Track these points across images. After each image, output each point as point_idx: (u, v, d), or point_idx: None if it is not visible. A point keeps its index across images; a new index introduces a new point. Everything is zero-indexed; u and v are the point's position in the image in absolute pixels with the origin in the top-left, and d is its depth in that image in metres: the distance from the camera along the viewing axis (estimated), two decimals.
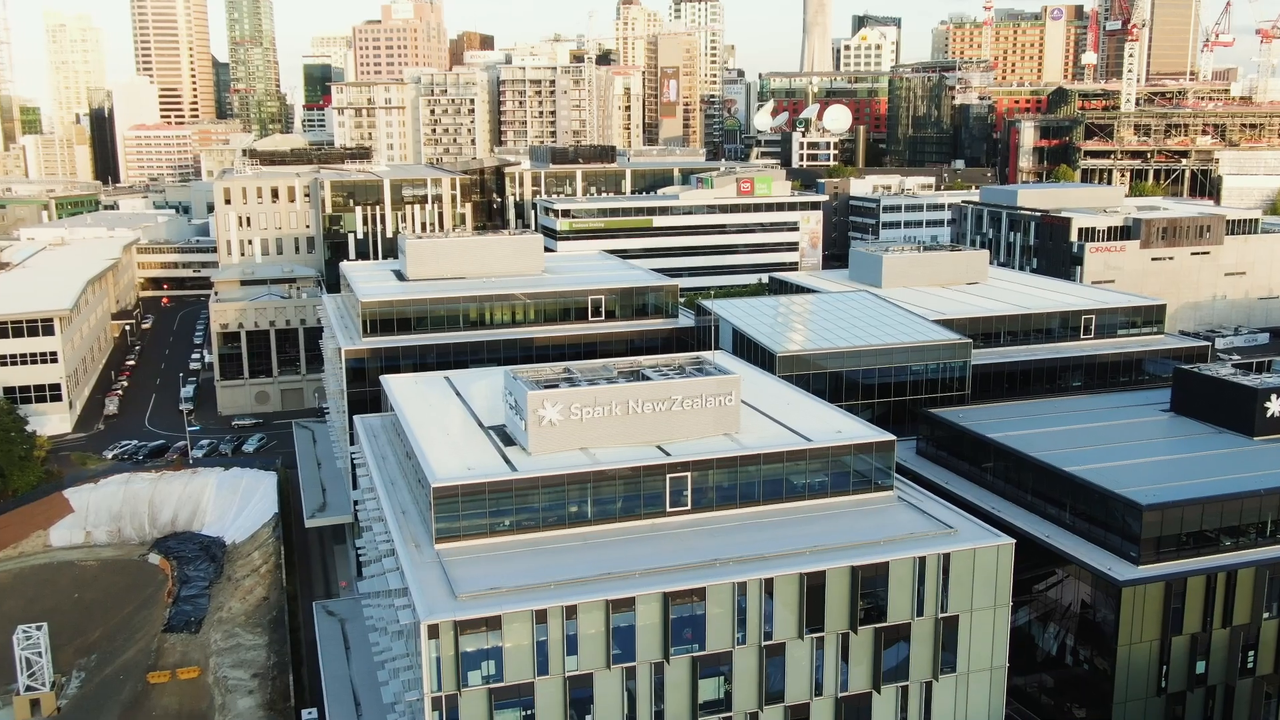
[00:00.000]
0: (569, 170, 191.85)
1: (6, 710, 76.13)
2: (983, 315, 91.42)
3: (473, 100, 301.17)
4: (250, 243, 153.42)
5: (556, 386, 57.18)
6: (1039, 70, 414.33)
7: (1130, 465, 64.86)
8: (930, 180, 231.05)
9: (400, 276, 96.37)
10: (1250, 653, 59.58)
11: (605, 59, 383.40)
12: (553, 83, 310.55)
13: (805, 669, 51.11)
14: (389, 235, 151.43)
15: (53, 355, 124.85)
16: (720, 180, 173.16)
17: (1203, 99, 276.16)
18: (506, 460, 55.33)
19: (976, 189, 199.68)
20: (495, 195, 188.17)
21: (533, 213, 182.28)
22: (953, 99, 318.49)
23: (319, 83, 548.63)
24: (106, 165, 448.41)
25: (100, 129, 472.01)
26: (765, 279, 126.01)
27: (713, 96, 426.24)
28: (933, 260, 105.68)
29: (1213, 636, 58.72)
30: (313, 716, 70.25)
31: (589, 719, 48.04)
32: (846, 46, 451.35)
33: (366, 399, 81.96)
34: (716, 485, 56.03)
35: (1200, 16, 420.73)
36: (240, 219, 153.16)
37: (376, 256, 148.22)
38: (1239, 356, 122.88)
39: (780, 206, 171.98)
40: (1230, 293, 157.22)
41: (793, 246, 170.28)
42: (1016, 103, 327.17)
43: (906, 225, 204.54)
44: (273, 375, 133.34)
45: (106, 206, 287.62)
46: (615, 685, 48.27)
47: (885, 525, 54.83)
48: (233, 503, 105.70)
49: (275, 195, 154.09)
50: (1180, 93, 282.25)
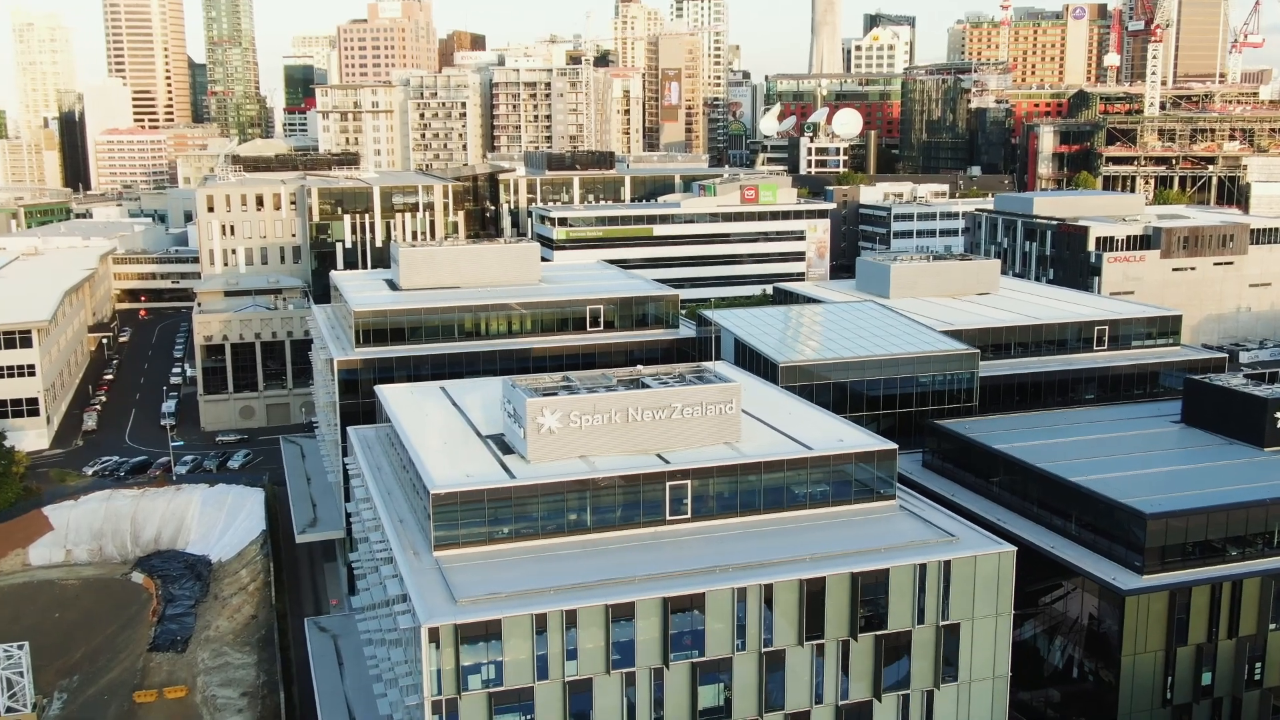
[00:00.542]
0: (565, 177, 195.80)
1: None
2: (992, 326, 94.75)
3: (464, 103, 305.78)
4: (234, 252, 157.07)
5: (555, 395, 60.56)
6: (1060, 72, 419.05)
7: (1137, 475, 68.18)
8: (944, 188, 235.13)
9: (393, 286, 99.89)
10: (1258, 664, 62.75)
11: (603, 60, 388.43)
12: (548, 85, 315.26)
13: (805, 676, 54.27)
14: (378, 244, 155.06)
15: (30, 368, 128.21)
16: (723, 187, 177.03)
17: (1230, 102, 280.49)
18: (505, 468, 58.65)
19: (993, 197, 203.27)
20: (488, 203, 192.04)
21: (528, 221, 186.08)
22: (968, 102, 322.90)
23: (300, 85, 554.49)
24: (77, 172, 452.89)
25: (70, 134, 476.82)
26: (770, 290, 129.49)
27: (716, 99, 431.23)
28: (942, 270, 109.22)
29: (1218, 647, 61.94)
30: None
31: None
32: (857, 47, 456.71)
33: (359, 411, 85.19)
34: (717, 494, 59.33)
35: (1229, 16, 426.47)
36: (223, 227, 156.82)
37: (366, 266, 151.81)
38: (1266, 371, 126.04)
39: (786, 215, 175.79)
40: (1255, 305, 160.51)
41: (799, 256, 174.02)
42: (1036, 106, 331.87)
43: (919, 235, 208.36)
44: (258, 389, 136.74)
45: (78, 215, 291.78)
46: (615, 691, 51.44)
47: (886, 533, 58.09)
48: (218, 520, 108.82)
49: (260, 203, 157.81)
50: (1207, 96, 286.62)
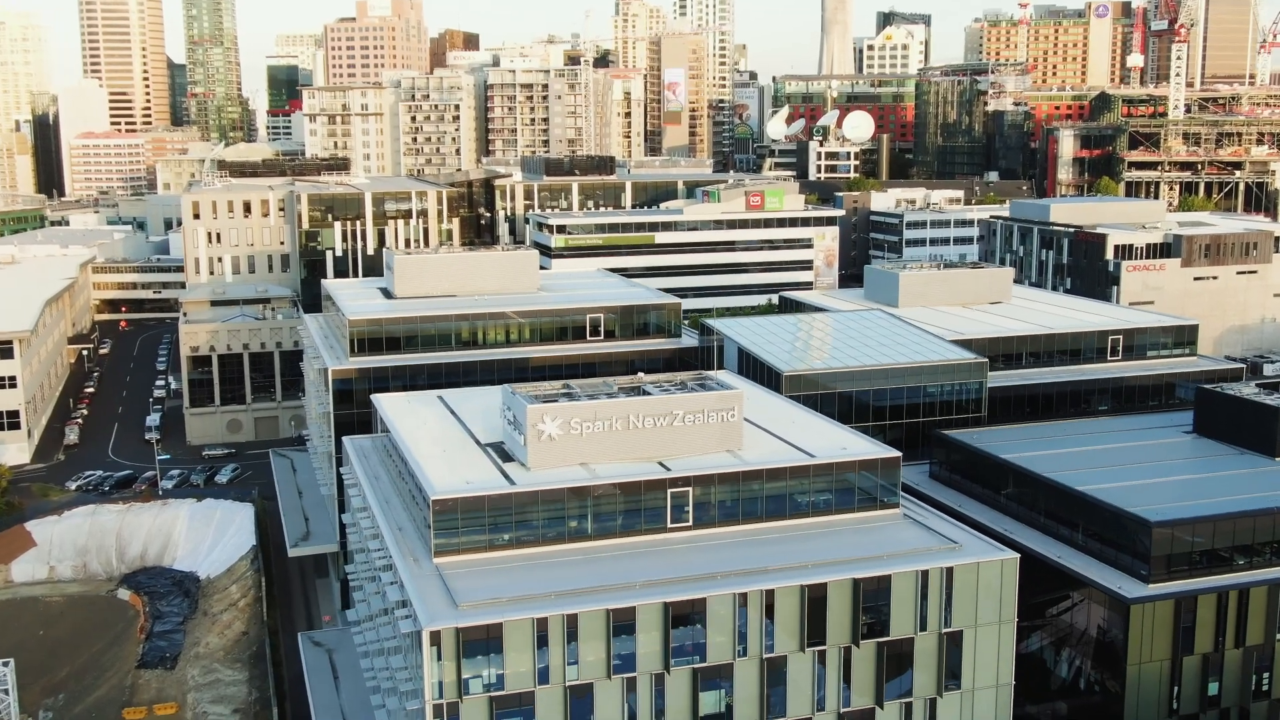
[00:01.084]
0: (564, 183, 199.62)
1: None
2: (1003, 335, 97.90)
3: (457, 106, 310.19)
4: (220, 260, 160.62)
5: (556, 401, 63.82)
6: (1083, 73, 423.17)
7: (1145, 485, 71.34)
8: (959, 194, 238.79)
9: (388, 294, 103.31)
10: (1265, 675, 65.78)
11: (603, 61, 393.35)
12: (545, 87, 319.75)
13: (807, 683, 57.35)
14: (370, 252, 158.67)
15: (11, 380, 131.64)
16: (728, 194, 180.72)
17: (1259, 105, 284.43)
18: (505, 475, 61.86)
19: (1009, 204, 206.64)
20: (484, 210, 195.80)
21: (525, 228, 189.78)
22: (985, 105, 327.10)
23: (285, 86, 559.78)
24: (51, 177, 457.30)
25: (44, 137, 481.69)
26: (775, 300, 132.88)
27: (722, 101, 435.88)
28: (953, 278, 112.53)
29: (1225, 657, 64.97)
30: None
31: None
32: (870, 46, 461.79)
33: (354, 421, 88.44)
34: (718, 501, 62.51)
35: (1258, 15, 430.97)
36: (209, 235, 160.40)
37: (357, 275, 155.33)
38: None
39: (793, 222, 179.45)
40: None
41: (806, 265, 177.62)
42: (1057, 109, 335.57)
43: (932, 243, 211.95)
44: (246, 402, 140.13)
45: (54, 222, 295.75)
46: (616, 696, 54.53)
47: (888, 541, 61.26)
48: (206, 535, 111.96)
49: (247, 209, 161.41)
50: (1234, 98, 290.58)
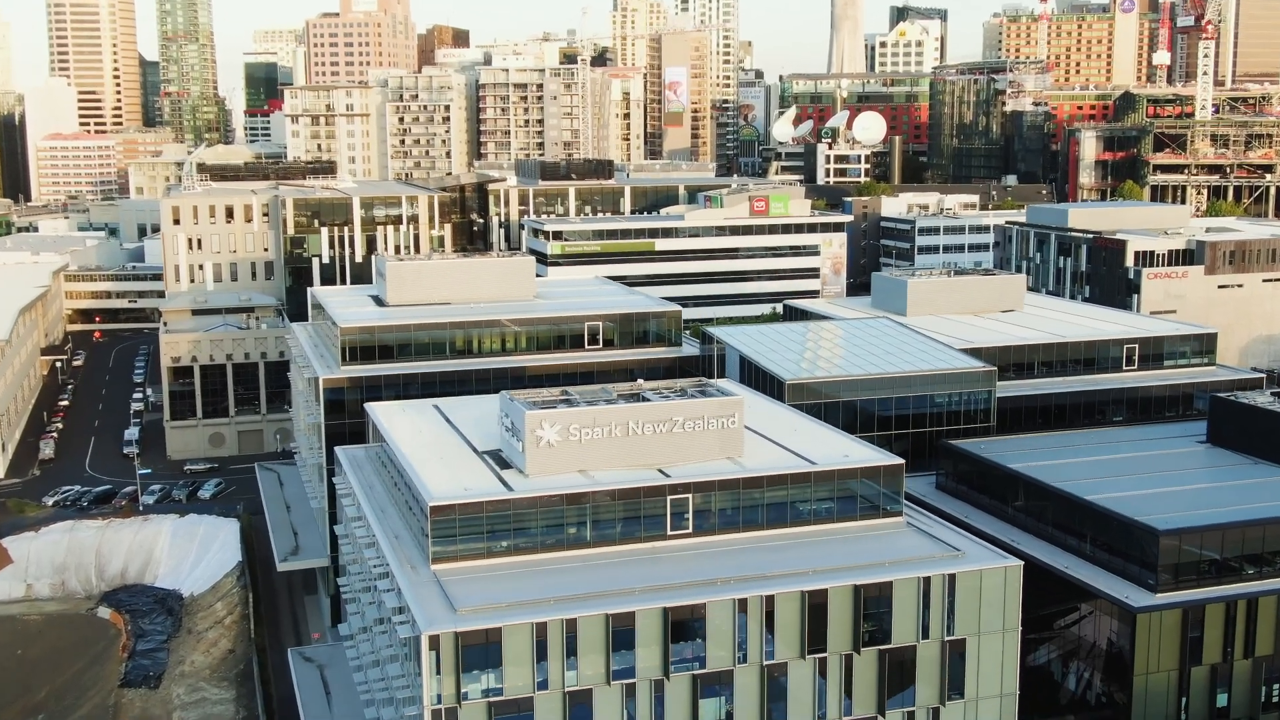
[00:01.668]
0: (560, 187, 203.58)
1: None
2: (1014, 344, 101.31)
3: (447, 107, 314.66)
4: (201, 268, 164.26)
5: (555, 408, 67.31)
6: (1108, 71, 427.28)
7: (1155, 494, 74.76)
8: (974, 199, 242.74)
9: (379, 302, 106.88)
10: (1275, 686, 69.11)
11: (601, 59, 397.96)
12: (540, 86, 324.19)
13: (808, 691, 60.67)
14: (358, 259, 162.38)
15: None
16: (731, 199, 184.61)
17: None
18: (503, 482, 65.30)
19: (1026, 209, 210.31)
20: (477, 215, 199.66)
21: (520, 235, 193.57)
22: (1003, 105, 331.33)
23: (263, 84, 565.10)
24: (16, 181, 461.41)
25: (9, 139, 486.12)
26: (779, 309, 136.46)
27: (726, 102, 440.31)
28: (963, 286, 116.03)
29: (1234, 668, 68.34)
30: None
31: None
32: (882, 43, 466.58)
33: (346, 432, 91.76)
34: (719, 508, 65.93)
35: None
36: (190, 241, 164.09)
37: (344, 282, 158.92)
38: None
39: (799, 228, 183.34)
40: None
41: (813, 273, 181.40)
42: (1080, 109, 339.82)
43: (946, 250, 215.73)
44: (229, 415, 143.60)
45: (21, 228, 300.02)
46: (615, 702, 57.86)
47: (890, 549, 64.63)
48: (189, 552, 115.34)
49: (229, 215, 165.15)
50: (1264, 98, 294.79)
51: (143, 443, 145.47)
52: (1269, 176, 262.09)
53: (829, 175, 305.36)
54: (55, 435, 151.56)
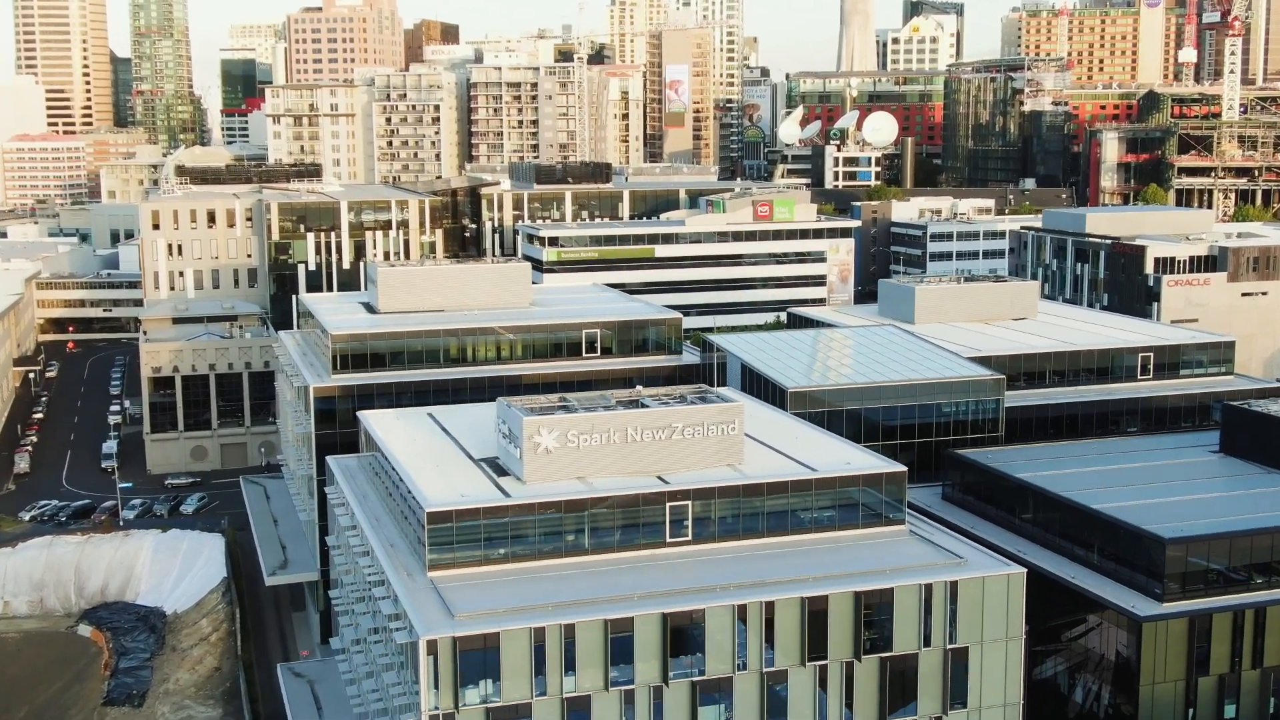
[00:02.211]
0: (556, 191, 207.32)
1: None
2: (1024, 352, 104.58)
3: (437, 107, 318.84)
4: (181, 275, 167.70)
5: (553, 414, 70.75)
6: (1133, 69, 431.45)
7: (1164, 503, 78.18)
8: (989, 203, 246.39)
9: (370, 309, 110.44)
10: None
11: (598, 57, 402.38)
12: (534, 86, 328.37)
13: (808, 699, 63.98)
14: (345, 266, 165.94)
15: None
16: (734, 203, 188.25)
17: None
18: (501, 489, 68.71)
19: (1042, 213, 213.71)
20: (469, 221, 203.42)
21: (514, 240, 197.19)
22: (1021, 104, 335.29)
23: (240, 82, 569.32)
24: None
25: None
26: (783, 317, 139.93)
27: (729, 102, 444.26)
28: (973, 293, 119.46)
29: (1242, 678, 71.66)
30: None
31: None
32: (895, 40, 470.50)
33: (337, 442, 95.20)
34: (718, 516, 69.29)
35: None
36: (170, 247, 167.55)
37: (331, 289, 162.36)
38: None
39: (804, 234, 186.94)
40: None
41: (819, 280, 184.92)
42: (1102, 108, 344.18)
43: (959, 256, 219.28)
44: (211, 428, 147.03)
45: None
46: (614, 708, 61.18)
47: (891, 556, 68.00)
48: (172, 568, 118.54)
49: (211, 219, 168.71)
50: None
51: (121, 456, 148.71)
52: None
53: (838, 179, 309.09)
54: (30, 449, 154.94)
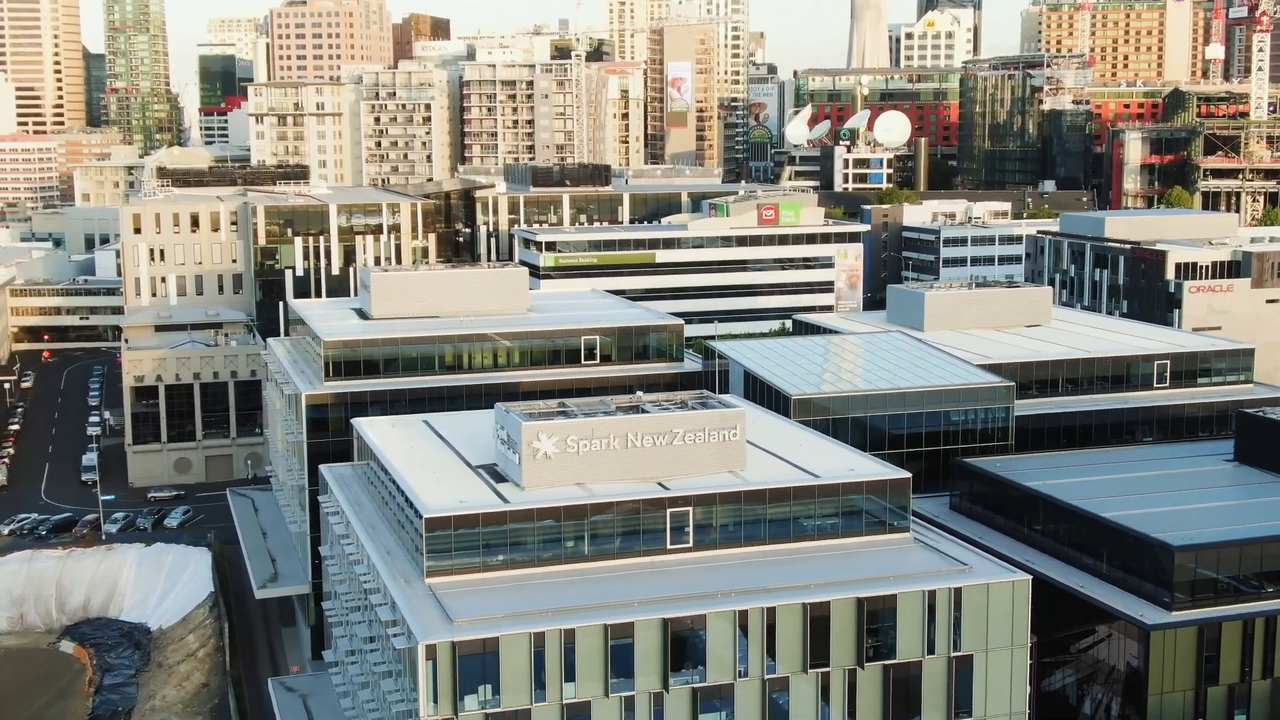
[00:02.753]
0: (553, 195, 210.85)
1: None
2: (1036, 360, 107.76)
3: (428, 105, 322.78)
4: (163, 280, 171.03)
5: (551, 419, 73.99)
6: (1158, 66, 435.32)
7: (1174, 511, 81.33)
8: (1005, 206, 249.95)
9: (362, 315, 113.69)
10: None
11: (597, 54, 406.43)
12: (530, 84, 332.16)
13: (810, 706, 67.13)
14: (335, 271, 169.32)
15: None
16: (738, 207, 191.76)
17: None
18: (499, 495, 71.92)
19: (1060, 217, 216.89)
20: (463, 225, 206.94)
21: (510, 245, 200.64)
22: (1040, 103, 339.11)
23: (219, 79, 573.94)
24: None
25: None
26: (788, 324, 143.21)
27: (734, 100, 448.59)
28: (985, 299, 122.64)
29: (1252, 688, 74.80)
30: None
31: None
32: (908, 35, 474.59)
33: (329, 451, 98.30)
34: (720, 523, 72.52)
35: None
36: (151, 252, 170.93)
37: (320, 296, 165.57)
38: None
39: (811, 238, 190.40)
40: None
41: (827, 287, 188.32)
42: (1126, 107, 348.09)
43: (974, 262, 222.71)
44: (196, 439, 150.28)
45: None
46: (614, 714, 64.29)
47: (895, 563, 71.19)
48: (157, 583, 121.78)
49: (194, 223, 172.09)
50: None
51: (102, 469, 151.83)
52: None
53: (848, 181, 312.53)
54: (7, 461, 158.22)
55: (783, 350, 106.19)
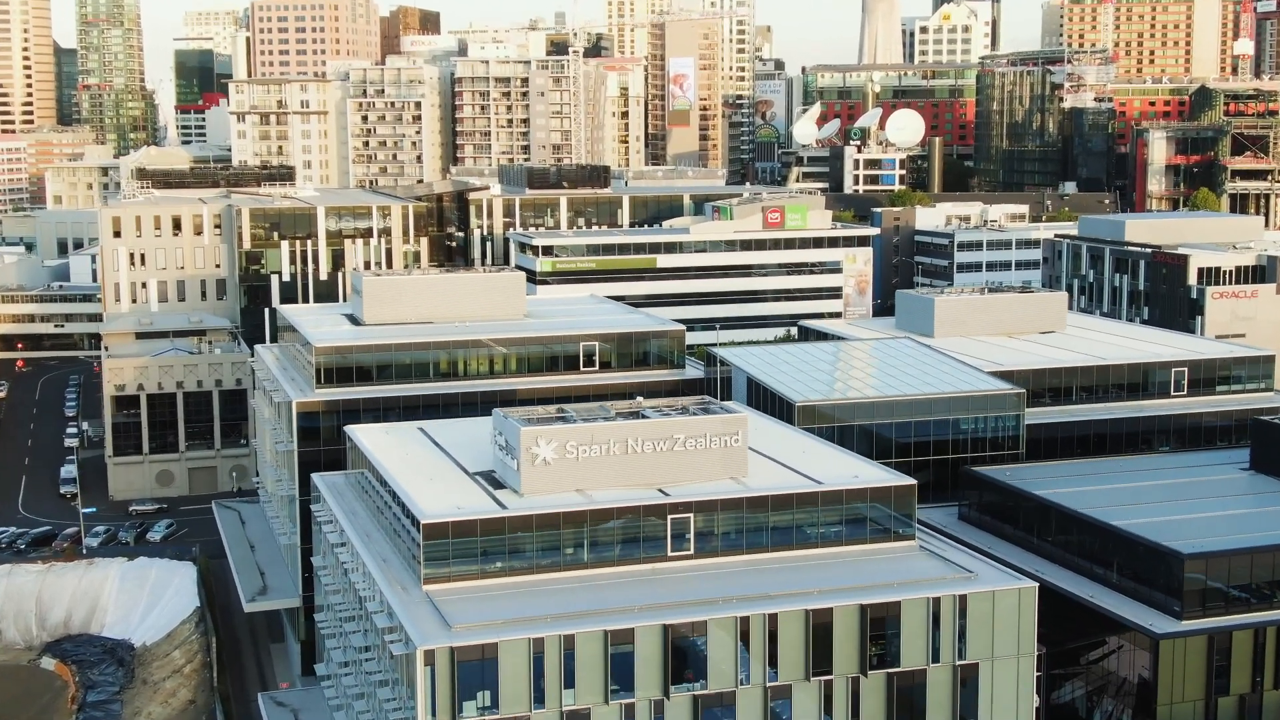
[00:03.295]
0: (550, 197, 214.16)
1: None
2: (1048, 367, 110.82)
3: (418, 103, 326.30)
4: (144, 286, 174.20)
5: (551, 425, 77.27)
6: (1186, 61, 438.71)
7: (1185, 520, 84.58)
8: (1023, 209, 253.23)
9: (354, 321, 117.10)
10: None
11: (595, 49, 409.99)
12: (525, 80, 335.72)
13: (813, 715, 70.29)
14: (323, 277, 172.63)
15: None
16: (742, 210, 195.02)
17: None
18: (497, 501, 75.20)
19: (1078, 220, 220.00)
20: (455, 228, 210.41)
21: (505, 249, 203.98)
22: (1061, 100, 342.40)
23: (196, 75, 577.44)
24: None
25: None
26: (793, 332, 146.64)
27: (740, 98, 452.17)
28: (997, 305, 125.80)
29: (1264, 699, 77.97)
30: None
31: None
32: (923, 29, 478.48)
33: (320, 460, 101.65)
34: (721, 530, 75.77)
35: None
36: (132, 256, 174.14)
37: (307, 301, 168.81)
38: None
39: (818, 243, 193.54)
40: None
41: (835, 293, 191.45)
42: (1151, 105, 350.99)
43: (989, 267, 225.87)
44: (179, 451, 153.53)
45: None
46: None
47: (899, 571, 74.42)
48: (140, 598, 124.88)
49: (176, 227, 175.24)
50: None
51: (81, 481, 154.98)
52: None
53: (858, 183, 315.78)
54: None
55: (787, 357, 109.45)
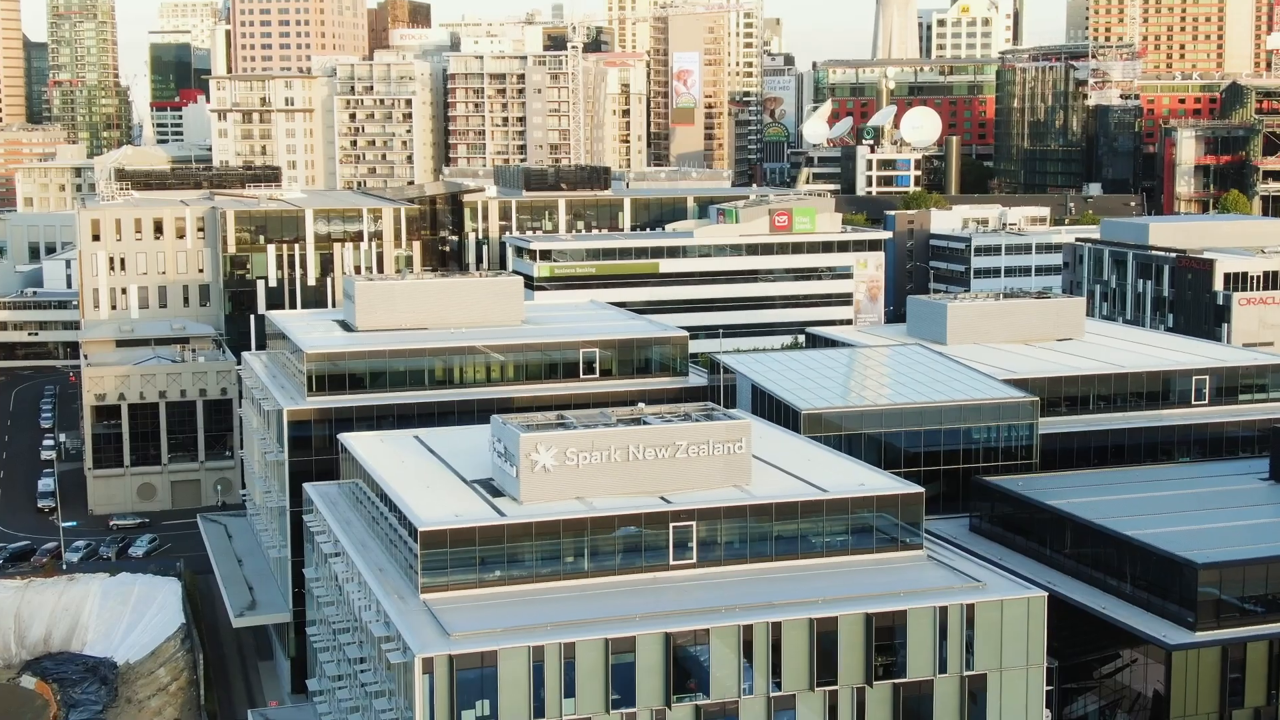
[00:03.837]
0: (548, 199, 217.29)
1: None
2: (1065, 375, 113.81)
3: (409, 101, 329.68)
4: (124, 292, 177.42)
5: (550, 431, 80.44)
6: (1218, 56, 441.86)
7: (1201, 530, 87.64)
8: (1045, 211, 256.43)
9: (346, 327, 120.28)
10: None
11: (595, 44, 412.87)
12: (521, 77, 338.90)
13: None
14: (311, 283, 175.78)
15: None
16: (748, 212, 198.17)
17: None
18: (496, 509, 78.32)
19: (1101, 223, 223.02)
20: (449, 232, 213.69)
21: (502, 254, 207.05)
22: (1085, 97, 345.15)
23: (173, 70, 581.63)
24: None
25: None
26: (800, 339, 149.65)
27: (747, 95, 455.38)
28: (1012, 311, 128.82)
29: (1279, 712, 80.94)
30: None
31: None
32: (940, 22, 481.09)
33: (312, 470, 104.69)
34: (724, 538, 78.84)
35: None
36: (111, 261, 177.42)
37: (295, 308, 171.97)
38: None
39: (827, 247, 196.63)
40: None
41: (845, 299, 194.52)
42: (1181, 102, 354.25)
43: (1008, 273, 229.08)
44: (161, 463, 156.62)
45: None
46: None
47: (905, 580, 77.48)
48: (122, 616, 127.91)
49: (158, 230, 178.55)
50: None
51: (60, 497, 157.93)
52: None
53: (871, 184, 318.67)
54: None
55: (793, 364, 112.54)
